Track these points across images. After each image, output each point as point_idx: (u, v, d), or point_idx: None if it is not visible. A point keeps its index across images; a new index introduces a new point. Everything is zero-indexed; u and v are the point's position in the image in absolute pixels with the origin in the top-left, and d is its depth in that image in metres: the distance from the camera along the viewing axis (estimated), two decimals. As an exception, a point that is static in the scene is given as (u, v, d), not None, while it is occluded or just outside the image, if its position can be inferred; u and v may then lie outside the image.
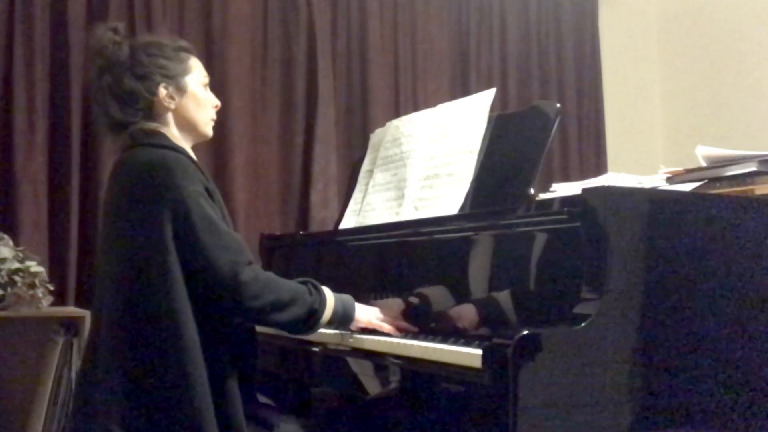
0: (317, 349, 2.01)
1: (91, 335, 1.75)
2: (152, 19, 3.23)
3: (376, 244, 2.11)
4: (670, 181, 2.14)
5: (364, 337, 1.84)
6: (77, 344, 2.65)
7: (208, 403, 1.60)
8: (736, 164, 2.03)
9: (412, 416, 1.80)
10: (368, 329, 1.86)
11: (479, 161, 1.94)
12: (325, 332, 1.94)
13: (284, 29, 3.55)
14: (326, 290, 1.79)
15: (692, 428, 1.51)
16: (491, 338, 1.42)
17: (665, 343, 1.50)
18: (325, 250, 2.45)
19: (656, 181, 2.13)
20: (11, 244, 2.70)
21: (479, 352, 1.41)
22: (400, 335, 1.83)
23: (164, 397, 1.60)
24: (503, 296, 1.68)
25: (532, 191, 1.77)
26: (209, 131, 1.90)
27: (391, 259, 2.08)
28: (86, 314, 2.61)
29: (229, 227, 1.72)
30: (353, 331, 1.88)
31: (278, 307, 1.68)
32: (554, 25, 4.20)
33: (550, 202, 1.63)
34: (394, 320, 1.88)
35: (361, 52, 3.71)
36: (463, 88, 3.88)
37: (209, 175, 1.80)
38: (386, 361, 1.77)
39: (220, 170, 3.34)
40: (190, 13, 3.36)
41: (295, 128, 3.52)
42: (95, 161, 3.08)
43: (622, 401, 1.45)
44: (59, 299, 2.91)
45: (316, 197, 3.48)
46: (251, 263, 1.68)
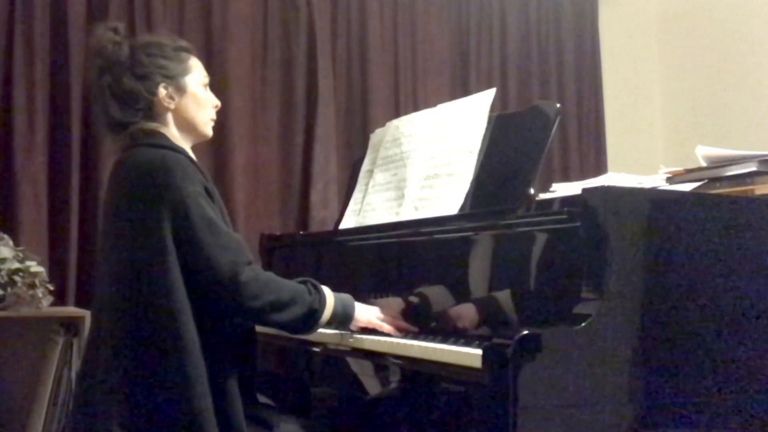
0: (318, 349, 2.00)
1: (91, 335, 1.75)
2: (152, 19, 3.23)
3: (376, 244, 2.11)
4: (670, 181, 2.14)
5: (364, 337, 1.84)
6: (77, 344, 2.65)
7: (207, 403, 1.60)
8: (736, 164, 2.03)
9: (412, 416, 1.80)
10: (368, 329, 1.86)
11: (479, 161, 1.94)
12: (325, 332, 1.94)
13: (284, 29, 3.55)
14: (326, 290, 1.79)
15: (692, 428, 1.51)
16: (491, 338, 1.42)
17: (665, 342, 1.50)
18: (325, 250, 2.45)
19: (656, 181, 2.12)
20: (11, 244, 2.70)
21: (479, 352, 1.41)
22: (400, 335, 1.82)
23: (164, 397, 1.60)
24: (503, 296, 1.68)
25: (532, 191, 1.77)
26: (209, 131, 1.90)
27: (391, 259, 2.08)
28: (86, 314, 2.61)
29: (228, 227, 1.72)
30: (353, 331, 1.88)
31: (278, 307, 1.68)
32: (554, 25, 4.20)
33: (550, 202, 1.63)
34: (394, 320, 1.88)
35: (361, 52, 3.71)
36: (463, 88, 3.88)
37: (209, 175, 1.80)
38: (386, 361, 1.77)
39: (220, 170, 3.34)
40: (190, 13, 3.36)
41: (295, 128, 3.53)
42: (95, 161, 3.08)
43: (622, 401, 1.45)
44: (59, 299, 2.91)
45: (316, 197, 3.48)
46: (251, 263, 1.68)
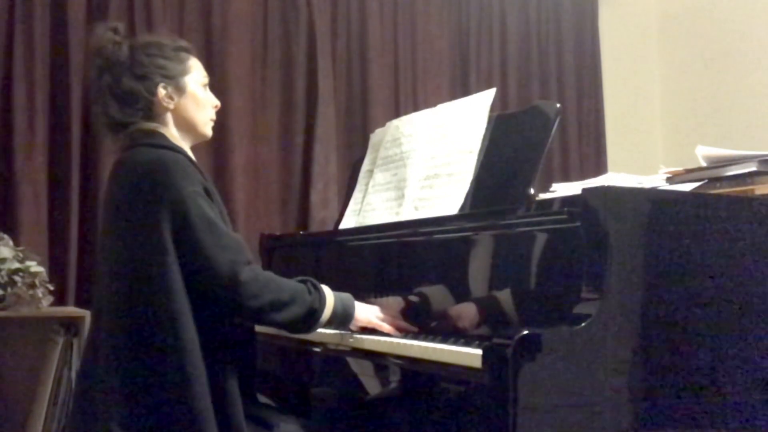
0: (318, 349, 2.00)
1: (90, 335, 1.75)
2: (152, 19, 3.23)
3: (376, 244, 2.11)
4: (670, 181, 2.14)
5: (364, 337, 1.84)
6: (77, 344, 2.65)
7: (207, 403, 1.60)
8: (736, 164, 2.03)
9: (412, 416, 1.80)
10: (368, 329, 1.86)
11: (479, 161, 1.94)
12: (325, 332, 1.94)
13: (284, 29, 3.55)
14: (326, 289, 1.79)
15: (692, 428, 1.51)
16: (491, 338, 1.42)
17: (665, 342, 1.50)
18: (325, 250, 2.45)
19: (656, 181, 2.12)
20: (11, 244, 2.70)
21: (479, 352, 1.41)
22: (400, 335, 1.82)
23: (163, 397, 1.60)
24: (503, 296, 1.68)
25: (532, 191, 1.77)
26: (208, 131, 1.90)
27: (391, 259, 2.08)
28: (86, 314, 2.61)
29: (228, 227, 1.71)
30: (353, 330, 1.88)
31: (277, 306, 1.68)
32: (554, 25, 4.20)
33: (550, 202, 1.63)
34: (393, 320, 1.88)
35: (361, 52, 3.71)
36: (463, 88, 3.88)
37: (208, 175, 1.79)
38: (386, 361, 1.77)
39: (220, 170, 3.34)
40: (190, 13, 3.36)
41: (295, 128, 3.52)
42: (95, 161, 3.08)
43: (621, 401, 1.45)
44: (59, 299, 2.91)
45: (316, 197, 3.48)
46: (250, 263, 1.68)
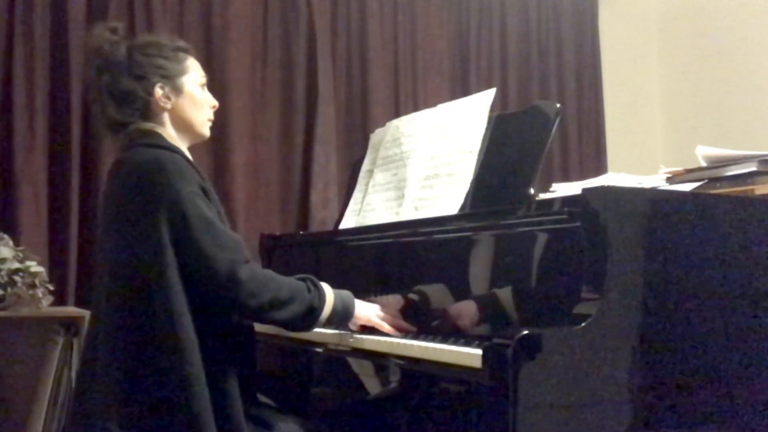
0: (318, 349, 2.00)
1: (89, 335, 1.75)
2: (152, 19, 3.23)
3: (376, 244, 2.11)
4: (670, 181, 2.14)
5: (363, 337, 1.83)
6: (77, 344, 2.65)
7: (206, 403, 1.60)
8: (736, 164, 2.03)
9: (412, 416, 1.80)
10: (368, 328, 1.86)
11: (479, 161, 1.94)
12: (325, 332, 1.94)
13: (284, 29, 3.55)
14: (326, 287, 1.78)
15: (692, 428, 1.51)
16: (491, 338, 1.41)
17: (665, 342, 1.50)
18: (325, 250, 2.45)
19: (656, 181, 2.12)
20: (11, 244, 2.70)
21: (479, 352, 1.41)
22: (399, 335, 1.82)
23: (162, 397, 1.60)
24: (503, 296, 1.68)
25: (532, 191, 1.77)
26: (206, 131, 1.90)
27: (391, 259, 2.08)
28: (86, 314, 2.60)
29: (226, 227, 1.72)
30: (353, 330, 1.87)
31: (277, 305, 1.68)
32: (554, 25, 4.20)
33: (550, 202, 1.63)
34: (393, 319, 1.87)
35: (361, 52, 3.71)
36: (463, 88, 3.88)
37: (206, 174, 1.79)
38: (386, 361, 1.77)
39: (220, 170, 3.34)
40: (190, 13, 3.36)
41: (295, 128, 3.53)
42: (95, 161, 3.08)
43: (622, 401, 1.45)
44: (59, 299, 2.91)
45: (316, 197, 3.48)
46: (249, 261, 1.68)
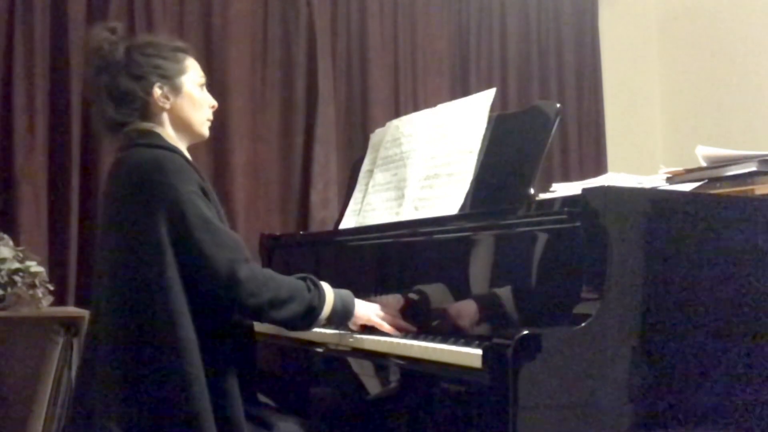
0: (319, 349, 2.00)
1: (89, 335, 1.75)
2: (152, 19, 3.23)
3: (376, 244, 2.11)
4: (670, 181, 2.13)
5: (363, 337, 1.83)
6: (77, 344, 2.65)
7: (206, 403, 1.60)
8: (736, 164, 2.03)
9: (412, 416, 1.80)
10: (368, 328, 1.86)
11: (479, 161, 1.94)
12: (325, 332, 1.94)
13: (284, 29, 3.55)
14: (325, 286, 1.79)
15: (692, 428, 1.51)
16: (491, 338, 1.42)
17: (665, 343, 1.50)
18: (325, 250, 2.45)
19: (656, 181, 2.12)
20: (11, 244, 2.69)
21: (479, 352, 1.41)
22: (399, 335, 1.82)
23: (162, 396, 1.60)
24: (503, 296, 1.68)
25: (532, 191, 1.77)
26: (205, 131, 1.90)
27: (391, 259, 2.08)
28: (86, 314, 2.59)
29: (225, 226, 1.72)
30: (353, 330, 1.87)
31: (277, 304, 1.68)
32: (554, 25, 4.20)
33: (550, 202, 1.63)
34: (393, 318, 1.87)
35: (361, 52, 3.71)
36: (463, 88, 3.88)
37: (204, 174, 1.80)
38: (386, 361, 1.77)
39: (220, 170, 3.34)
40: (190, 13, 3.36)
41: (295, 128, 3.52)
42: (95, 161, 3.08)
43: (622, 401, 1.45)
44: (59, 299, 2.91)
45: (316, 197, 3.48)
46: (248, 261, 1.68)
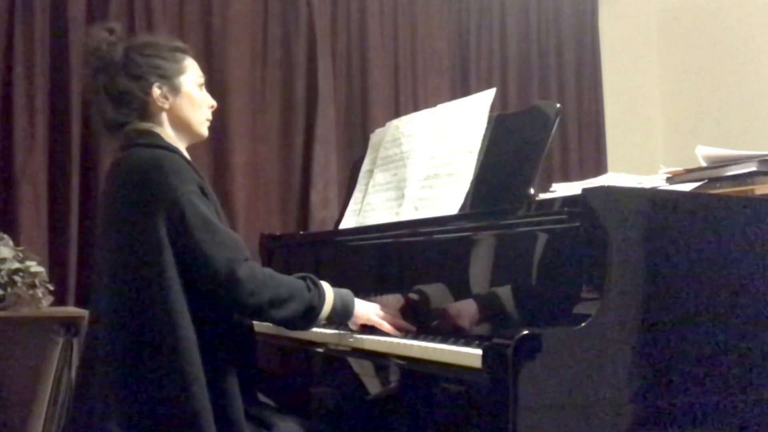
0: (319, 349, 2.00)
1: (89, 335, 1.75)
2: (152, 19, 3.23)
3: (376, 244, 2.11)
4: (670, 181, 2.13)
5: (363, 337, 1.83)
6: (77, 344, 2.65)
7: (205, 403, 1.60)
8: (736, 164, 2.03)
9: (412, 416, 1.80)
10: (368, 328, 1.86)
11: (479, 161, 1.94)
12: (325, 332, 1.94)
13: (284, 29, 3.55)
14: (325, 285, 1.79)
15: (692, 428, 1.51)
16: (491, 338, 1.42)
17: (665, 343, 1.50)
18: (325, 250, 2.45)
19: (656, 181, 2.12)
20: (11, 244, 2.69)
21: (479, 352, 1.41)
22: (399, 335, 1.82)
23: (162, 396, 1.60)
24: (503, 296, 1.68)
25: (532, 191, 1.77)
26: (204, 131, 1.90)
27: (391, 259, 2.08)
28: (86, 314, 2.59)
29: (224, 226, 1.72)
30: (353, 330, 1.87)
31: (276, 303, 1.68)
32: (554, 25, 4.20)
33: (550, 202, 1.63)
34: (393, 318, 1.87)
35: (361, 52, 3.71)
36: (463, 88, 3.88)
37: (204, 174, 1.80)
38: (386, 361, 1.77)
39: (220, 170, 3.34)
40: (190, 13, 3.36)
41: (295, 128, 3.52)
42: (95, 161, 3.08)
43: (622, 401, 1.45)
44: (59, 299, 2.91)
45: (316, 197, 3.48)
46: (248, 260, 1.68)
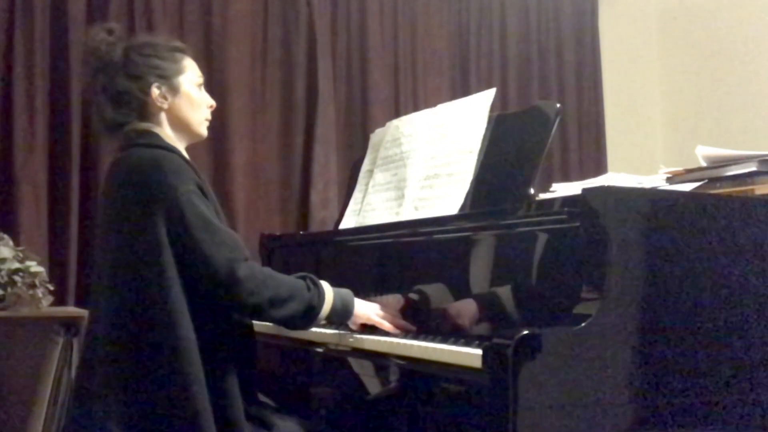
0: (319, 349, 2.00)
1: (89, 335, 1.75)
2: (152, 19, 3.23)
3: (376, 244, 2.11)
4: (670, 181, 2.13)
5: (363, 337, 1.83)
6: (77, 344, 2.65)
7: (205, 403, 1.60)
8: (736, 164, 2.03)
9: (412, 416, 1.80)
10: (368, 328, 1.86)
11: (479, 161, 1.94)
12: (325, 332, 1.94)
13: (284, 29, 3.55)
14: (325, 285, 1.78)
15: (692, 428, 1.51)
16: (491, 338, 1.41)
17: (665, 342, 1.50)
18: (325, 250, 2.45)
19: (656, 181, 2.12)
20: (11, 244, 2.69)
21: (479, 352, 1.41)
22: (399, 334, 1.82)
23: (161, 396, 1.60)
24: (503, 296, 1.68)
25: (532, 191, 1.77)
26: (203, 131, 1.90)
27: (391, 259, 2.08)
28: (86, 314, 2.59)
29: (224, 225, 1.72)
30: (353, 330, 1.87)
31: (276, 303, 1.68)
32: (554, 24, 4.20)
33: (550, 202, 1.63)
34: (393, 318, 1.87)
35: (361, 52, 3.71)
36: (463, 88, 3.88)
37: (204, 174, 1.79)
38: (386, 361, 1.77)
39: (220, 170, 3.34)
40: (190, 13, 3.36)
41: (295, 128, 3.53)
42: (95, 161, 3.09)
43: (622, 401, 1.45)
44: (59, 299, 2.91)
45: (316, 197, 3.48)
46: (248, 259, 1.68)
